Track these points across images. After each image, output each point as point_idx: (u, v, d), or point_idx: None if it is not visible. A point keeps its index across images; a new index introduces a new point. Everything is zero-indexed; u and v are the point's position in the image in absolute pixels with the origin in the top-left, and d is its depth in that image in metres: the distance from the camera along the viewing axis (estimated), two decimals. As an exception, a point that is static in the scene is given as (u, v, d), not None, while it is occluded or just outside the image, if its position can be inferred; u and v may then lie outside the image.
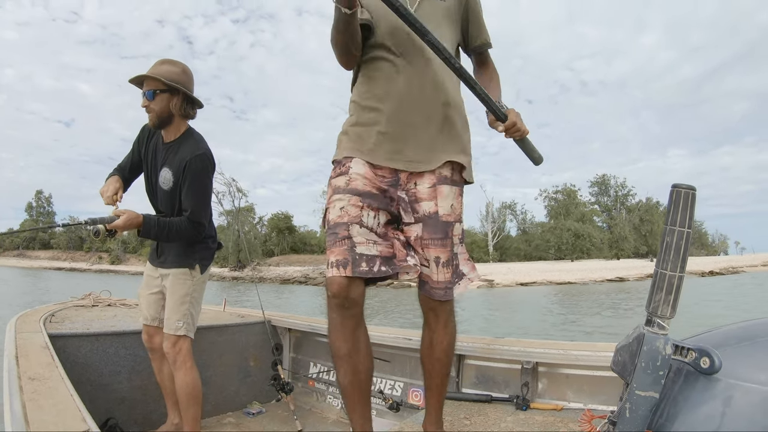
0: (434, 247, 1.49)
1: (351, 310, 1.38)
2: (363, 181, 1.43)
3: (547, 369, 2.14)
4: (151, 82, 2.06)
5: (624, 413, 0.90)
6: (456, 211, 1.53)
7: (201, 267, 2.19)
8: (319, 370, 3.16)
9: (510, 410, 1.98)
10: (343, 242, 1.36)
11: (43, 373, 1.47)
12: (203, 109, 2.23)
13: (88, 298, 3.64)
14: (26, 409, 1.13)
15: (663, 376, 0.87)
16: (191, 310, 2.14)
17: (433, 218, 1.48)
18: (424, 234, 1.49)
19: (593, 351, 1.96)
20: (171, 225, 2.06)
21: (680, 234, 0.91)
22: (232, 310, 3.70)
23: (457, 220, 1.54)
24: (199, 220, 2.12)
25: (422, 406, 2.52)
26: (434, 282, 1.51)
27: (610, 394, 1.95)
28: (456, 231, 1.53)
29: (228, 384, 2.95)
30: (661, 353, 0.88)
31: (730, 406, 0.79)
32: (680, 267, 0.91)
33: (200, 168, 2.09)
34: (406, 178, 1.48)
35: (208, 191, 2.19)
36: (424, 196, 1.49)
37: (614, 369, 0.98)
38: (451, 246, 1.51)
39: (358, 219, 1.38)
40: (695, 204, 0.92)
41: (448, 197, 1.50)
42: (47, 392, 1.29)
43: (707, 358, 0.83)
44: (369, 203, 1.41)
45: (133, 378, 2.49)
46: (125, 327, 2.59)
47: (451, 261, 1.52)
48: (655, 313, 0.92)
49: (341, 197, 1.42)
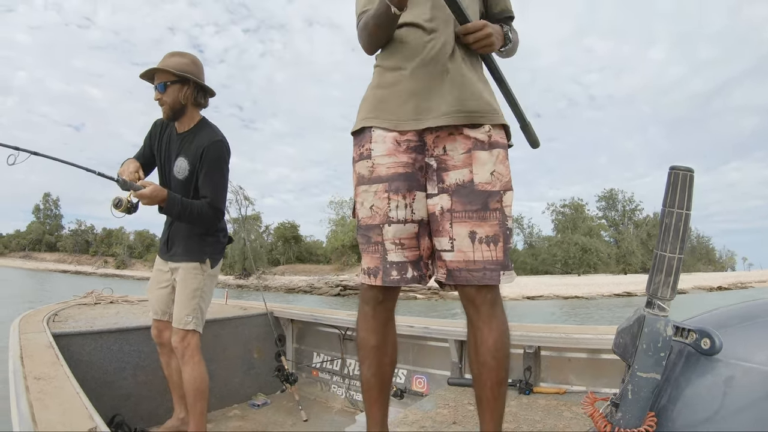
0: (468, 220, 1.27)
1: (384, 304, 1.39)
2: (387, 162, 1.33)
3: (549, 353, 2.15)
4: (162, 74, 2.07)
5: (626, 395, 0.90)
6: (501, 177, 1.29)
7: (212, 261, 2.18)
8: (322, 360, 3.18)
9: (513, 395, 2.00)
10: (375, 247, 1.33)
11: (48, 373, 1.47)
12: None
13: (91, 296, 3.65)
14: (33, 409, 1.14)
15: (664, 358, 0.88)
16: (201, 305, 2.13)
17: (467, 187, 1.28)
18: (455, 205, 1.28)
19: (595, 334, 1.97)
20: (193, 206, 2.05)
21: (679, 215, 0.91)
22: (235, 303, 3.71)
23: (505, 188, 1.29)
24: (219, 206, 2.12)
25: (426, 393, 2.54)
26: (467, 263, 1.27)
27: (612, 376, 1.97)
28: (506, 201, 1.29)
29: (232, 376, 2.97)
30: (662, 335, 0.89)
31: (731, 387, 0.80)
32: (679, 248, 0.91)
33: (218, 154, 2.11)
34: (432, 141, 1.32)
35: (226, 179, 2.18)
36: (458, 163, 1.30)
37: (616, 351, 0.99)
38: (495, 219, 1.27)
39: (386, 217, 1.31)
40: (693, 185, 0.92)
41: (487, 163, 1.28)
42: (53, 391, 1.30)
43: (708, 339, 0.83)
44: (397, 188, 1.31)
45: (138, 374, 2.50)
46: (128, 324, 2.59)
47: (496, 238, 1.27)
48: (655, 294, 0.92)
49: (366, 189, 1.35)
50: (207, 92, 2.20)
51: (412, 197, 1.32)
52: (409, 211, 1.31)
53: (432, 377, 2.59)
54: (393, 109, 1.34)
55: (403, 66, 1.35)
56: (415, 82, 1.32)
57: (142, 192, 1.94)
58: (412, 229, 1.32)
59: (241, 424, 2.64)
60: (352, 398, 2.93)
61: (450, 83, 1.31)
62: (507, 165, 1.31)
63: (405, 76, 1.34)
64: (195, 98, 2.14)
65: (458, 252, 1.27)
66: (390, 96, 1.36)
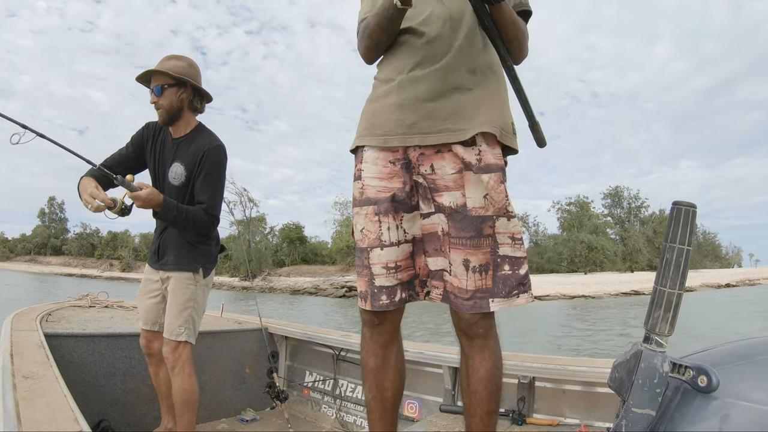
0: (462, 248, 1.23)
1: (382, 326, 1.36)
2: (376, 185, 1.31)
3: (543, 384, 2.12)
4: (159, 77, 2.04)
5: (620, 430, 0.89)
6: (495, 202, 1.23)
7: (205, 271, 2.13)
8: (314, 379, 3.14)
9: (506, 425, 1.97)
10: (364, 271, 1.33)
11: (37, 372, 1.46)
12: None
13: (86, 298, 3.63)
14: (19, 407, 1.12)
15: (660, 394, 0.87)
16: (193, 316, 2.08)
17: (461, 212, 1.23)
18: (451, 230, 1.25)
19: (590, 367, 1.95)
20: (189, 211, 2.01)
21: (680, 251, 0.91)
22: (230, 316, 3.69)
23: (499, 214, 1.23)
24: (215, 212, 2.08)
25: (417, 419, 2.51)
26: (459, 290, 1.24)
27: (606, 410, 1.94)
28: (500, 227, 1.23)
29: (223, 390, 2.93)
30: (659, 371, 0.88)
31: (727, 425, 0.79)
32: (679, 284, 0.91)
33: (218, 159, 2.07)
34: (416, 158, 1.28)
35: (223, 185, 2.14)
36: (449, 184, 1.25)
37: (611, 386, 0.98)
38: (487, 247, 1.23)
39: (377, 240, 1.29)
40: (695, 221, 0.92)
41: (479, 186, 1.22)
42: (41, 391, 1.28)
43: (705, 376, 0.83)
44: (385, 209, 1.29)
45: (127, 380, 2.47)
46: (121, 329, 2.58)
47: (487, 267, 1.23)
48: (654, 330, 0.91)
49: (359, 211, 1.34)
50: (204, 97, 2.17)
51: (400, 218, 1.30)
52: (401, 231, 1.30)
53: (424, 403, 2.56)
54: (382, 124, 1.31)
55: (393, 77, 1.32)
56: (402, 95, 1.29)
57: (138, 194, 1.89)
58: (407, 249, 1.31)
59: (228, 439, 2.60)
60: (343, 419, 2.89)
61: (440, 96, 1.26)
62: (502, 189, 1.25)
63: (394, 88, 1.31)
64: (191, 102, 2.10)
65: (454, 277, 1.26)
66: (380, 110, 1.33)
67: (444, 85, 1.27)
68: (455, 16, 1.29)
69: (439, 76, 1.26)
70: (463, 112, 1.26)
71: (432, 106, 1.26)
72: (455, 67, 1.27)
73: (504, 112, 1.32)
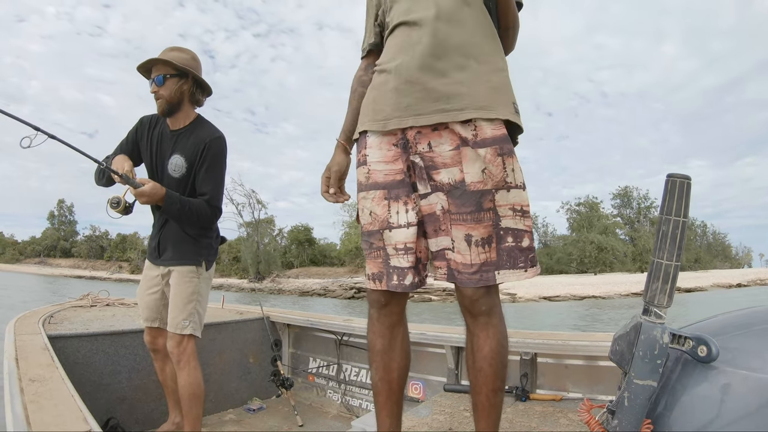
0: (463, 223, 1.24)
1: (389, 307, 1.38)
2: (383, 168, 1.33)
3: (545, 360, 2.15)
4: (161, 66, 2.02)
5: (623, 402, 0.90)
6: (494, 175, 1.23)
7: (207, 264, 2.13)
8: (318, 365, 3.17)
9: (509, 401, 1.99)
10: (378, 253, 1.34)
11: (43, 375, 1.47)
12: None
13: (87, 298, 3.63)
14: (27, 411, 1.13)
15: (661, 365, 0.88)
16: (198, 309, 2.08)
17: (459, 188, 1.24)
18: (451, 207, 1.25)
19: (591, 341, 1.97)
20: (192, 204, 2.00)
21: (676, 223, 0.91)
22: (231, 307, 3.71)
23: (499, 187, 1.23)
24: (218, 204, 2.07)
25: (422, 399, 2.54)
26: (464, 266, 1.25)
27: (608, 383, 1.96)
28: (500, 200, 1.23)
29: (228, 381, 2.96)
30: (659, 342, 0.89)
31: (728, 394, 0.80)
32: (676, 256, 0.91)
33: (219, 151, 2.06)
34: (413, 137, 1.29)
35: (224, 177, 2.13)
36: (447, 161, 1.26)
37: (612, 358, 0.99)
38: (489, 220, 1.23)
39: (387, 222, 1.32)
40: (690, 193, 0.92)
41: (477, 160, 1.23)
42: (48, 393, 1.29)
43: (704, 346, 0.84)
44: (396, 194, 1.31)
45: (133, 377, 2.49)
46: (124, 326, 2.58)
47: (490, 239, 1.23)
48: (652, 302, 0.92)
49: (365, 195, 1.36)
50: (205, 90, 2.16)
51: (413, 202, 1.31)
52: (412, 215, 1.30)
53: (428, 383, 2.59)
54: (382, 109, 1.34)
55: (390, 65, 1.35)
56: (398, 80, 1.31)
57: (143, 189, 1.89)
58: (414, 231, 1.31)
59: (237, 429, 2.63)
60: (348, 404, 2.92)
61: (434, 77, 1.27)
62: (499, 162, 1.23)
63: (391, 74, 1.34)
64: (193, 94, 2.09)
65: (458, 254, 1.26)
66: (379, 96, 1.36)
67: (437, 67, 1.28)
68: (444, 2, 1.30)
69: (430, 60, 1.28)
70: (457, 91, 1.26)
71: (426, 87, 1.27)
72: (446, 51, 1.28)
73: (501, 90, 1.31)
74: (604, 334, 2.08)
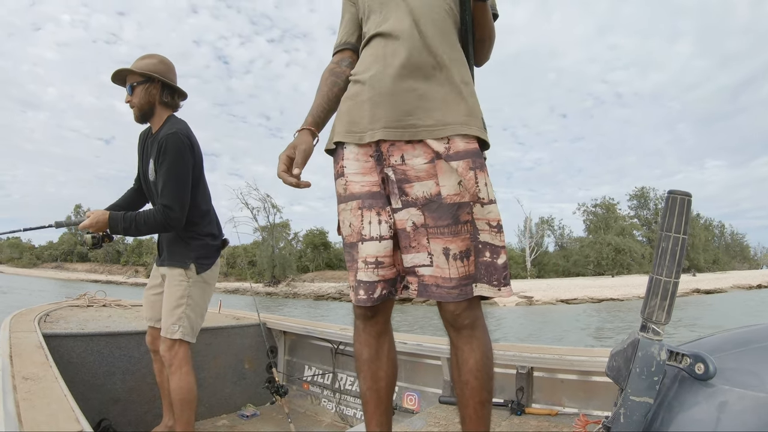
0: (441, 236, 1.22)
1: (374, 318, 1.38)
2: (360, 180, 1.33)
3: (542, 374, 2.14)
4: (131, 76, 2.06)
5: (618, 418, 0.90)
6: (469, 188, 1.22)
7: (198, 266, 2.09)
8: (313, 373, 3.15)
9: (505, 415, 1.98)
10: (352, 265, 1.34)
11: (36, 373, 1.46)
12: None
13: (83, 298, 3.63)
14: (20, 409, 1.12)
15: (658, 382, 0.88)
16: (188, 313, 2.04)
17: (436, 201, 1.23)
18: (428, 221, 1.24)
19: (588, 356, 1.97)
20: (138, 216, 1.98)
21: (675, 240, 0.91)
22: (228, 312, 3.70)
23: (475, 200, 1.23)
24: (168, 203, 1.96)
25: (417, 410, 2.52)
26: (443, 279, 1.23)
27: (604, 399, 1.95)
28: (477, 213, 1.23)
29: (222, 386, 2.94)
30: (656, 359, 0.88)
31: (725, 412, 0.79)
32: (675, 273, 0.91)
33: (174, 146, 1.99)
34: (387, 149, 1.28)
35: (181, 174, 2.01)
36: (421, 174, 1.25)
37: (609, 374, 0.98)
38: (467, 233, 1.22)
39: (360, 235, 1.30)
40: (690, 210, 0.92)
41: (452, 173, 1.22)
42: (41, 392, 1.28)
43: (702, 363, 0.83)
44: (370, 204, 1.30)
45: (127, 379, 2.47)
46: (120, 328, 2.58)
47: (468, 253, 1.22)
48: (650, 318, 0.92)
49: (344, 207, 1.35)
50: (176, 92, 2.16)
51: (386, 213, 1.29)
52: (385, 227, 1.29)
53: (423, 395, 2.57)
54: (357, 121, 1.33)
55: (363, 75, 1.35)
56: (371, 90, 1.31)
57: (84, 223, 1.94)
58: (388, 245, 1.29)
59: (229, 435, 2.61)
60: (342, 413, 2.90)
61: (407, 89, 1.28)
62: (471, 176, 1.23)
63: (365, 85, 1.33)
64: (161, 98, 2.10)
65: (436, 268, 1.24)
66: (354, 107, 1.35)
67: (408, 80, 1.28)
68: (419, 14, 1.31)
69: (405, 73, 1.28)
70: (428, 106, 1.27)
71: (399, 100, 1.28)
72: (420, 64, 1.29)
73: (474, 106, 1.33)
74: (600, 349, 2.07)
